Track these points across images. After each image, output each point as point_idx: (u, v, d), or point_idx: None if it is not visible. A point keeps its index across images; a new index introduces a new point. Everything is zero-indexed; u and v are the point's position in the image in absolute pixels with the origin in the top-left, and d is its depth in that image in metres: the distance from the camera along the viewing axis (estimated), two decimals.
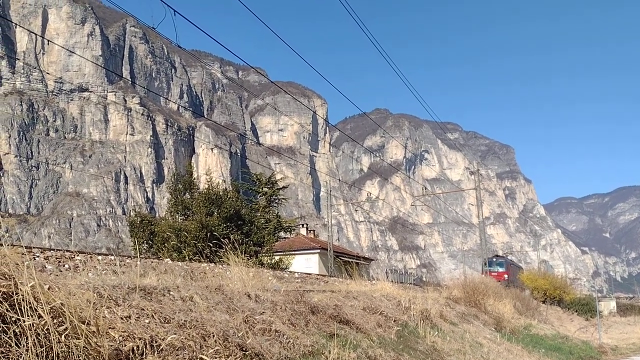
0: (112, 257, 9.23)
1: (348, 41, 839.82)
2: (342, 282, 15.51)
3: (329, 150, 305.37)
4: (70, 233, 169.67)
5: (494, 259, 55.02)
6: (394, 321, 11.93)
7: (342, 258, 42.49)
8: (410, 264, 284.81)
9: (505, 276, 50.73)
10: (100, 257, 9.00)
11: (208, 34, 15.24)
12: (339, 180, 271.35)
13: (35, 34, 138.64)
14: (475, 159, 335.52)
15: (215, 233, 19.63)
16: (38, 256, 8.17)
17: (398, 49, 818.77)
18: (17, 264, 3.61)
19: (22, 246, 5.40)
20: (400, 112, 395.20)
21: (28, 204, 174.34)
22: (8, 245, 3.99)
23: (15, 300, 3.34)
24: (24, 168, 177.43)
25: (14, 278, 3.43)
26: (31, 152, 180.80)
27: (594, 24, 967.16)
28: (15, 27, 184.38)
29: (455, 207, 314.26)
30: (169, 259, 10.99)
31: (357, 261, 42.91)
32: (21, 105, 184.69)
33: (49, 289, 3.70)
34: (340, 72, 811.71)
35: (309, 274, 19.49)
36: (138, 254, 8.93)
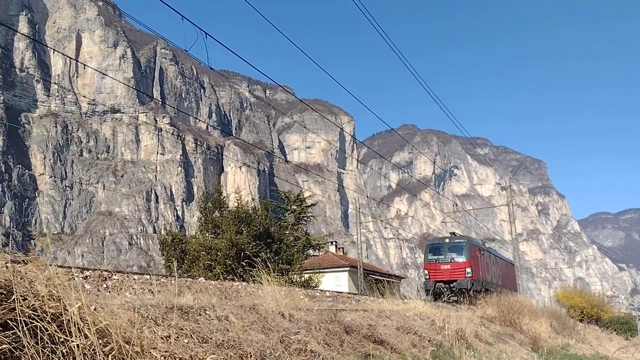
0: (148, 277, 9.37)
1: (375, 57, 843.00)
2: (373, 300, 15.35)
3: (357, 167, 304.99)
4: (103, 252, 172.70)
5: (446, 241, 33.17)
6: (429, 341, 11.73)
7: (372, 276, 42.14)
8: None
9: (469, 270, 30.78)
10: (136, 277, 9.14)
11: (237, 55, 15.50)
12: (367, 197, 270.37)
13: (70, 58, 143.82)
14: (506, 174, 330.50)
15: (247, 252, 19.76)
16: (77, 276, 8.31)
17: (423, 59, 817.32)
18: (64, 286, 3.70)
19: (69, 267, 5.52)
20: (428, 128, 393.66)
21: (62, 223, 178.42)
22: (54, 265, 4.09)
23: (64, 321, 3.41)
24: (59, 188, 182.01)
25: (62, 299, 3.51)
26: (65, 173, 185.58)
27: (631, 31, 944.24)
28: (54, 52, 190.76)
29: (486, 224, 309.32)
30: (202, 278, 11.09)
31: (388, 279, 42.48)
32: (56, 127, 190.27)
33: (94, 309, 3.77)
34: (367, 88, 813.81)
35: (340, 292, 19.40)
36: (176, 274, 9.02)
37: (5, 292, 3.30)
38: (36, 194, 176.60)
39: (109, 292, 7.70)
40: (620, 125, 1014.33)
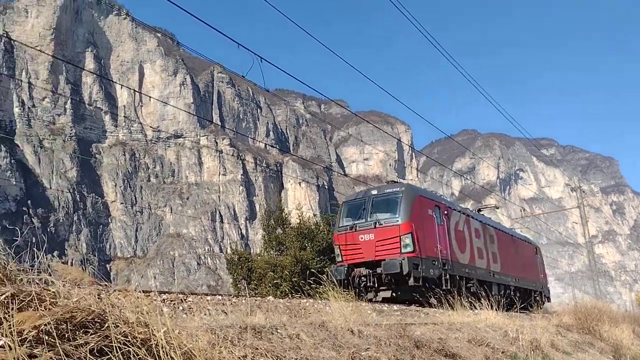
0: (220, 297, 9.75)
1: (429, 63, 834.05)
2: (442, 313, 15.19)
3: (417, 176, 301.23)
4: (174, 272, 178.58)
5: (372, 193, 19.97)
6: (502, 353, 11.48)
7: None
8: None
9: (407, 241, 17.80)
10: (209, 298, 9.54)
11: (291, 75, 15.96)
12: None
13: (134, 90, 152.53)
14: (575, 175, 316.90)
15: (312, 268, 20.04)
16: (155, 299, 8.78)
17: (478, 59, 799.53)
18: (150, 312, 4.00)
19: (149, 291, 5.92)
20: (490, 132, 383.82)
21: (134, 247, 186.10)
22: (139, 291, 4.42)
23: (152, 345, 3.71)
24: (129, 213, 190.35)
25: (149, 325, 3.81)
26: (135, 198, 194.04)
27: None
28: (121, 88, 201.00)
29: (557, 227, 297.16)
30: (271, 297, 11.38)
31: None
32: (124, 155, 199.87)
33: (178, 333, 4.05)
34: (424, 95, 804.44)
35: (408, 305, 19.24)
36: (247, 294, 9.39)
37: (99, 320, 3.60)
38: (109, 220, 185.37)
39: (186, 314, 8.10)
40: None
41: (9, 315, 3.17)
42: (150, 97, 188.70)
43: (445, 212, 20.95)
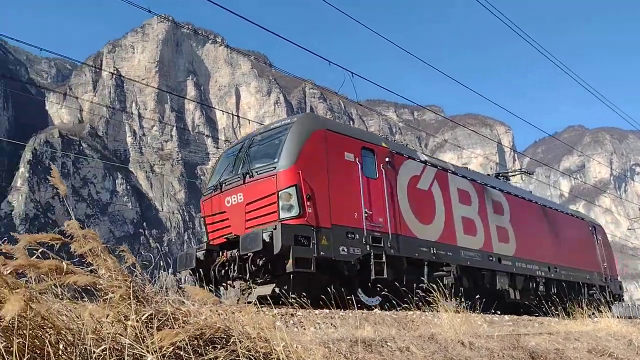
0: (328, 311, 9.99)
1: (528, 60, 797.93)
2: (558, 322, 14.44)
3: (522, 178, 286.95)
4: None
5: (258, 135, 12.79)
6: None
7: None
8: (636, 294, 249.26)
9: (288, 201, 10.47)
10: (317, 312, 9.81)
11: (382, 87, 16.11)
12: None
13: (232, 114, 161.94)
14: None
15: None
16: (267, 314, 9.17)
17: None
18: (270, 327, 4.29)
19: (261, 305, 6.30)
20: (598, 126, 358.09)
21: None
22: (259, 308, 4.75)
23: (273, 359, 3.98)
24: None
25: (269, 340, 4.09)
26: None
27: None
28: (223, 114, 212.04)
29: None
30: (377, 309, 11.47)
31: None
32: None
33: (295, 347, 4.30)
34: (525, 92, 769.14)
35: (520, 315, 18.39)
36: (355, 306, 9.56)
37: (225, 336, 3.93)
38: None
39: (297, 328, 8.42)
40: None
41: (149, 334, 3.60)
42: (248, 119, 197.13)
43: (387, 159, 13.30)
